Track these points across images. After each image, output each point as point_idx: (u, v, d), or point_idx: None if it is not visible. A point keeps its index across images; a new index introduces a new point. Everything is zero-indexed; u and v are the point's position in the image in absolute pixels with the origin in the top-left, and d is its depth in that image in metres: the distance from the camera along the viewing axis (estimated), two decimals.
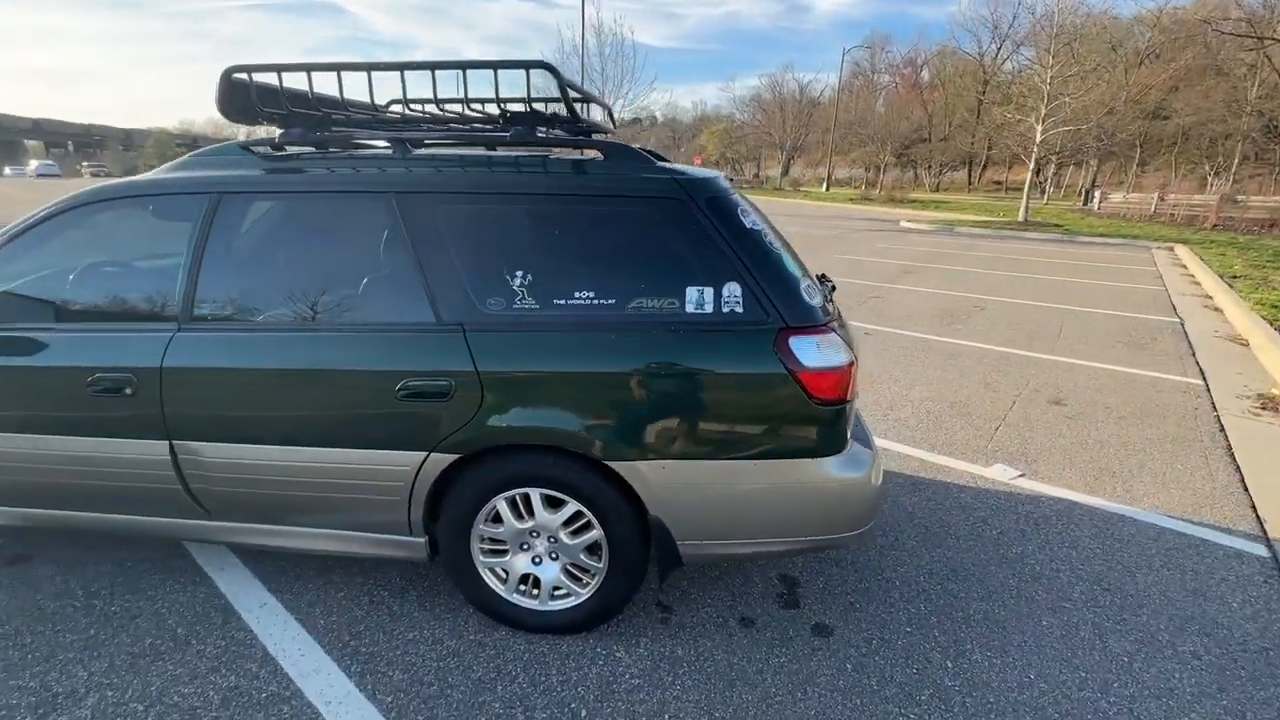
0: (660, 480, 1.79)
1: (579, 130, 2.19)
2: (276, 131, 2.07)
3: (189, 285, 1.91)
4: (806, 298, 1.80)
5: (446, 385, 1.76)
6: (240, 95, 1.95)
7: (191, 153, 2.12)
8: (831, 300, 2.12)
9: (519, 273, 1.80)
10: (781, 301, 1.76)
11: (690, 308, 1.76)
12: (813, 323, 1.77)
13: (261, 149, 2.11)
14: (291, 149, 2.11)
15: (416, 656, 1.92)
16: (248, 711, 1.72)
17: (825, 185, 39.95)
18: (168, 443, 1.89)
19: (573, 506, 1.87)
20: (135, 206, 2.03)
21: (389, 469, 1.84)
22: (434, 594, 2.17)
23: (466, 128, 2.22)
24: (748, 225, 1.82)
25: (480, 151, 2.17)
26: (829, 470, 1.80)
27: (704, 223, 1.78)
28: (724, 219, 1.80)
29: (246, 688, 1.79)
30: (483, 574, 1.98)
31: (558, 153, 2.17)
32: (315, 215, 1.96)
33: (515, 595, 1.99)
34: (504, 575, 2.00)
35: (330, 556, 2.13)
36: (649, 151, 2.08)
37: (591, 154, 1.98)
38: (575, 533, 1.93)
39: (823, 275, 2.35)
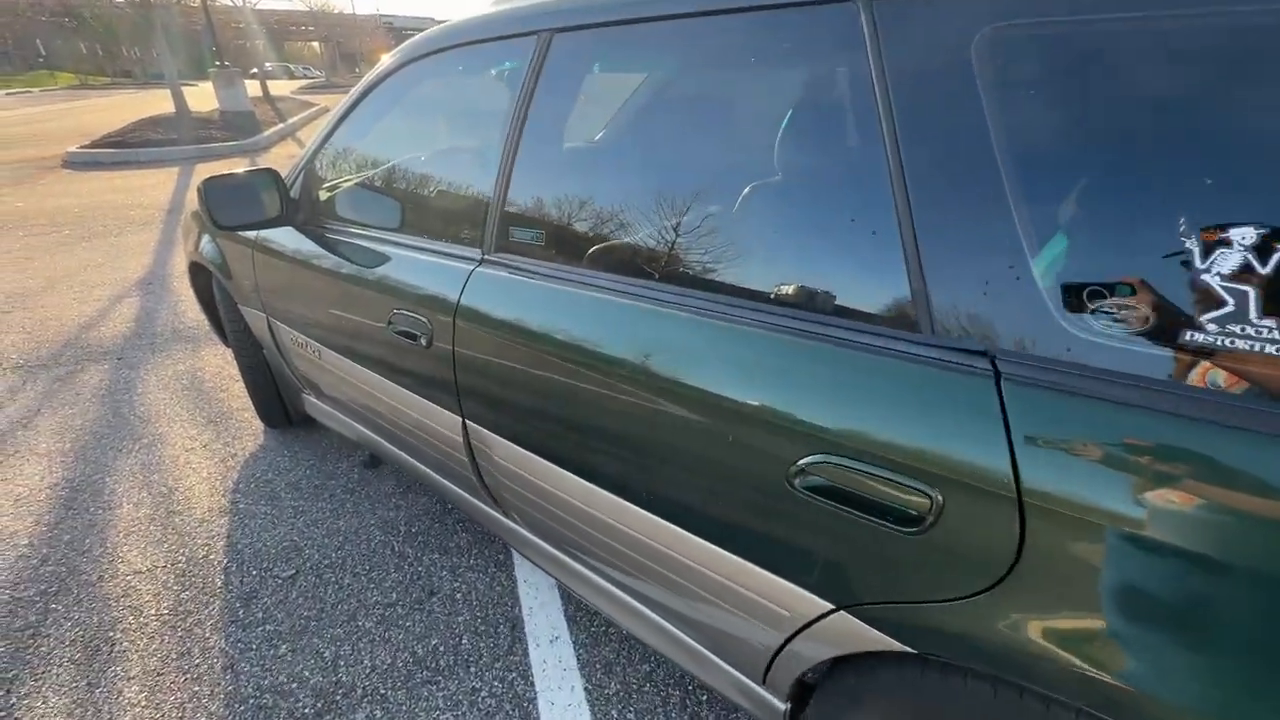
0: None
1: None
2: None
3: (499, 193, 1.24)
4: None
5: (922, 503, 0.72)
6: None
7: None
8: None
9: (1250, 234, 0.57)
10: None
11: None
12: None
13: None
14: None
15: None
16: None
17: None
18: (461, 420, 1.35)
19: None
20: (460, 62, 1.43)
21: (752, 596, 0.95)
22: None
23: None
24: None
25: None
26: None
27: None
28: None
29: None
30: None
31: None
32: (708, 69, 1.06)
33: None
34: None
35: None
36: None
37: None
38: None
39: None
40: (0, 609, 1.70)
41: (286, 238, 1.74)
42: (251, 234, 1.87)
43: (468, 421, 1.32)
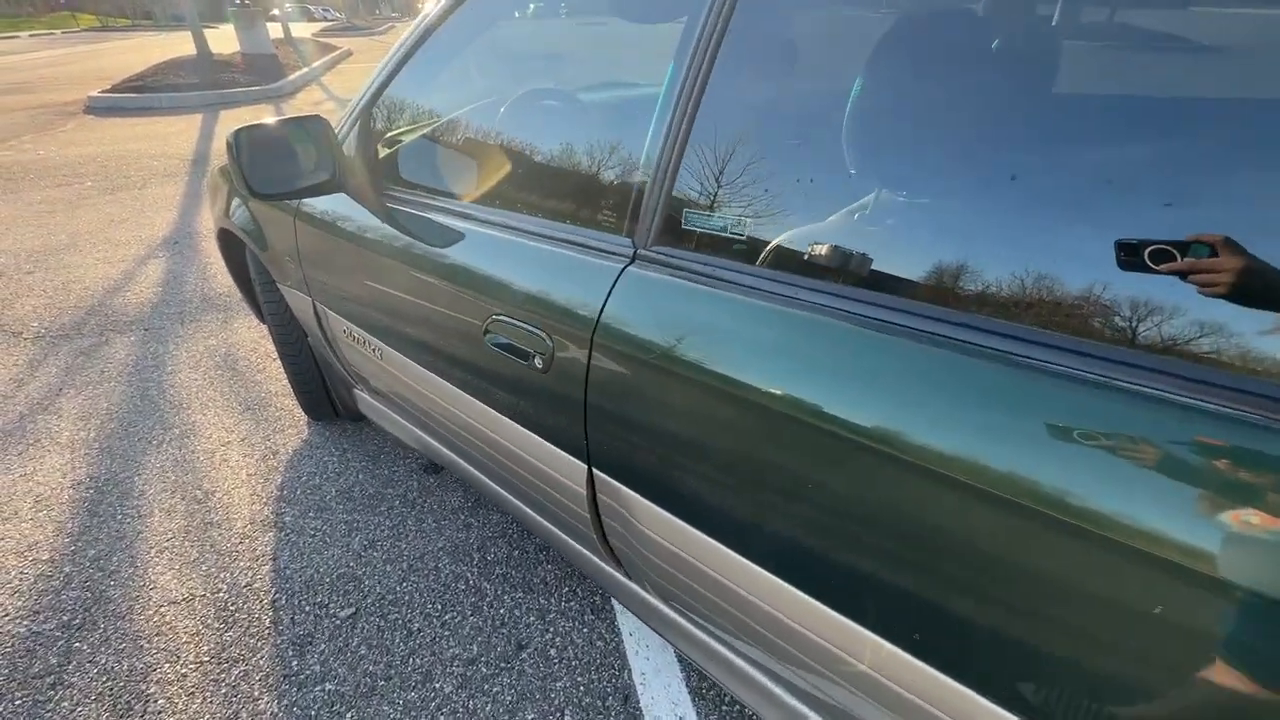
0: None
1: None
2: None
3: (667, 162, 0.86)
4: None
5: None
6: None
7: None
8: None
9: None
10: None
11: None
12: None
13: None
14: None
15: None
16: None
17: None
18: (586, 468, 1.01)
19: None
20: None
21: None
22: None
23: None
24: None
25: None
26: None
27: None
28: None
29: None
30: None
31: None
32: None
33: None
34: None
35: None
36: None
37: None
38: None
39: None
40: (18, 644, 1.45)
41: (338, 207, 1.38)
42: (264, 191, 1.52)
43: (595, 470, 0.98)
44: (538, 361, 0.96)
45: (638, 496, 0.93)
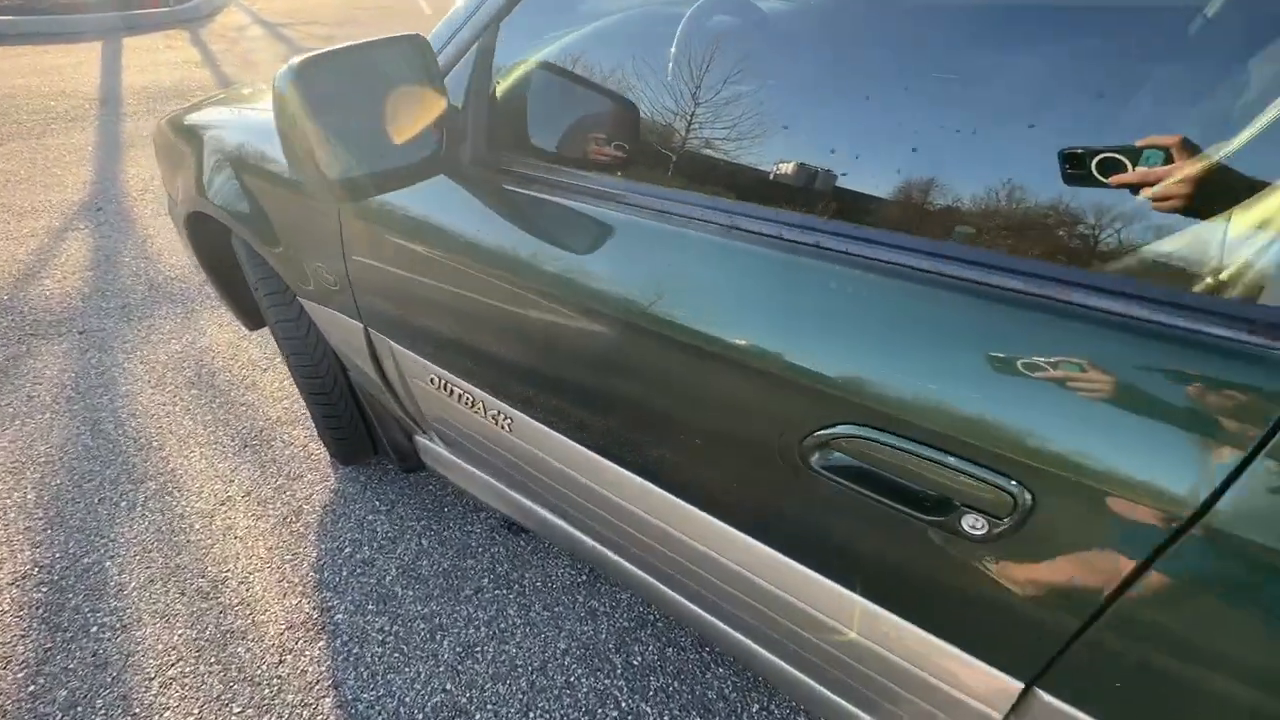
0: None
1: None
2: None
3: None
4: None
5: None
6: None
7: None
8: None
9: None
10: None
11: None
12: None
13: None
14: None
15: None
16: None
17: None
18: (1015, 697, 0.57)
19: None
20: None
21: None
22: None
23: None
24: None
25: None
26: None
27: None
28: None
29: None
30: None
31: None
32: None
33: None
34: None
35: None
36: None
37: None
38: None
39: None
40: None
41: (430, 195, 0.85)
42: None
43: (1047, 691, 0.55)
44: (975, 526, 0.51)
45: None
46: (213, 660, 1.25)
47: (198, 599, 1.36)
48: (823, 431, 0.56)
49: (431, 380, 1.01)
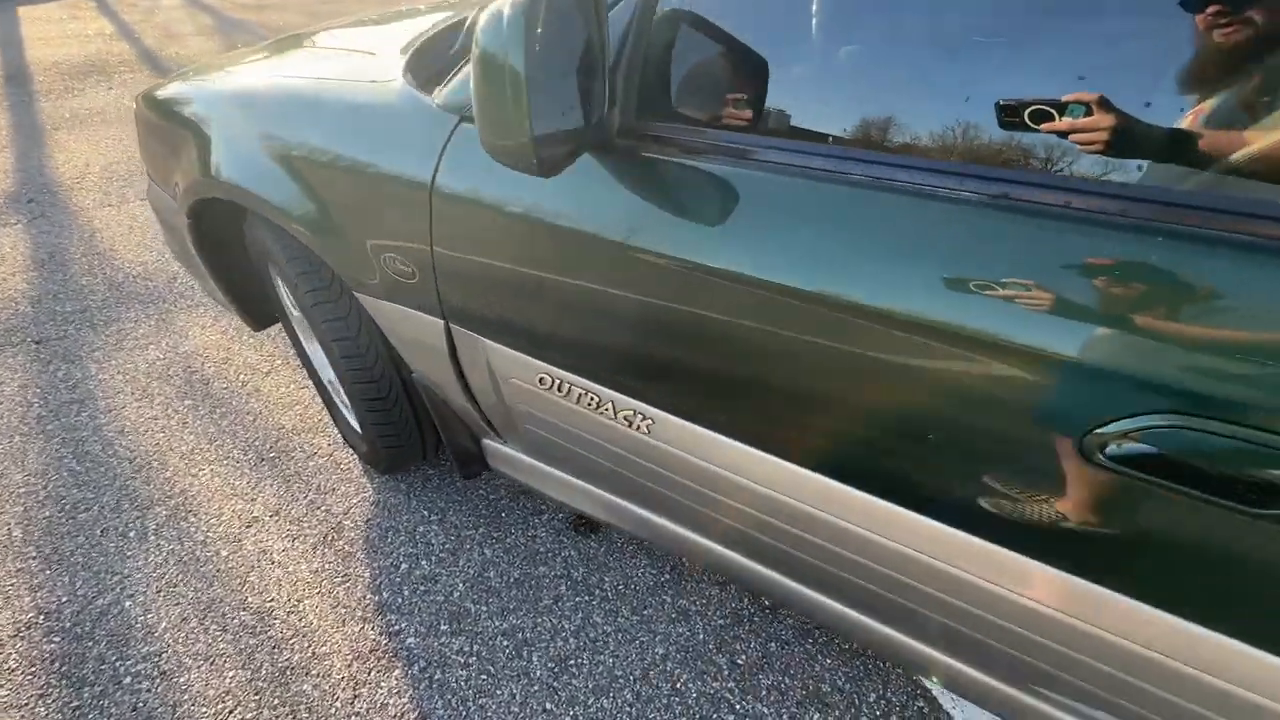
0: None
1: None
2: None
3: None
4: None
5: None
6: None
7: None
8: None
9: None
10: None
11: None
12: None
13: None
14: None
15: None
16: None
17: None
18: None
19: None
20: None
21: None
22: None
23: None
24: None
25: None
26: None
27: None
28: None
29: None
30: None
31: None
32: None
33: None
34: None
35: None
36: None
37: None
38: None
39: None
40: None
41: (568, 171, 0.73)
42: (435, 153, 0.83)
43: None
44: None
45: None
46: (276, 703, 1.12)
47: (244, 634, 1.21)
48: (1122, 422, 0.50)
49: (541, 380, 0.90)
